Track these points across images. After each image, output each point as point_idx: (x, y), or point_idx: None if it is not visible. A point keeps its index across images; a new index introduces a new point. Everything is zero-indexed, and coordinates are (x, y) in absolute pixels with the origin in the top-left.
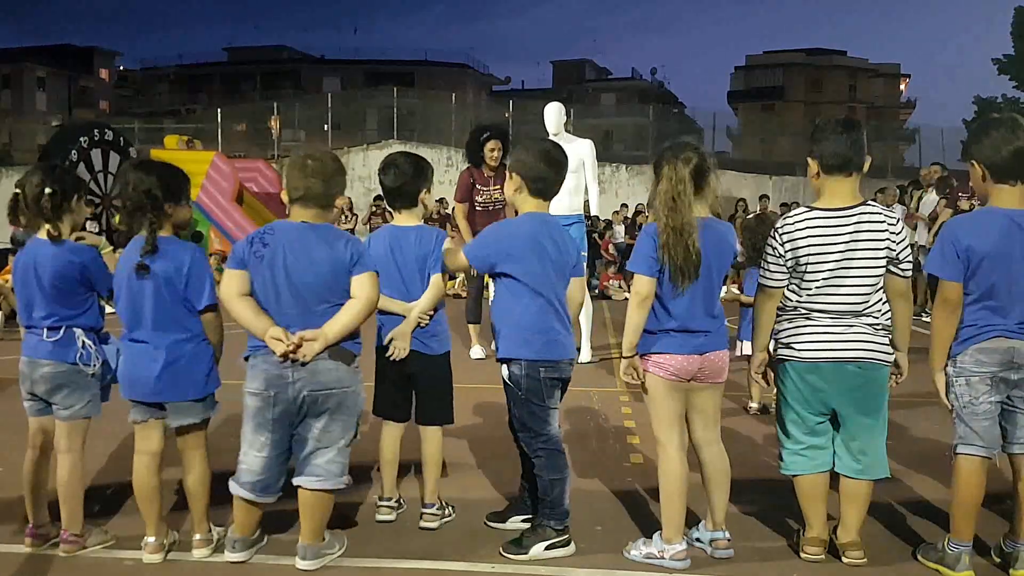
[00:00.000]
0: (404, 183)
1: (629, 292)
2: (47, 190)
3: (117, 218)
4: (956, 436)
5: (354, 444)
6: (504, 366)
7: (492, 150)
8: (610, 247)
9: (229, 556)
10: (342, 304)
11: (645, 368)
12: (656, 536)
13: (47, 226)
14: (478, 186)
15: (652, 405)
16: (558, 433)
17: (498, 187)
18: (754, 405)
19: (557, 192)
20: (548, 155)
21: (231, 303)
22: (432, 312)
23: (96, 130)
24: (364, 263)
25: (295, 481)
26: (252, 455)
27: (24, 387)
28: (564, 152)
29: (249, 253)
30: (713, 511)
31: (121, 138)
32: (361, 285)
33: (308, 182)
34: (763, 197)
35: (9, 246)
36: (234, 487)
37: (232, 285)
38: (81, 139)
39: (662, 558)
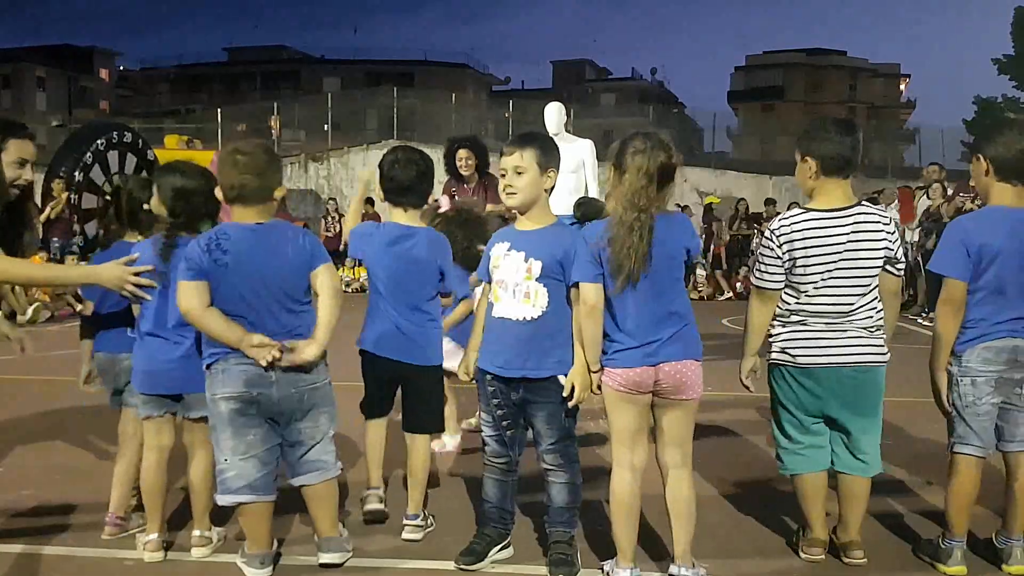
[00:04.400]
0: (420, 179)
1: None
2: (144, 207)
3: None
4: (954, 434)
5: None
6: (565, 378)
7: (461, 159)
8: None
9: (253, 573)
10: (307, 300)
11: (600, 378)
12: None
13: (139, 237)
14: (458, 198)
15: (607, 418)
16: None
17: (475, 198)
18: (472, 421)
19: None
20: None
21: (201, 316)
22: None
23: (115, 132)
24: (321, 255)
25: (296, 482)
26: (237, 461)
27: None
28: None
29: (209, 262)
30: (674, 542)
31: (140, 140)
32: (325, 278)
33: (242, 179)
34: (768, 201)
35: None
36: (228, 499)
37: (195, 297)
38: (98, 141)
39: None
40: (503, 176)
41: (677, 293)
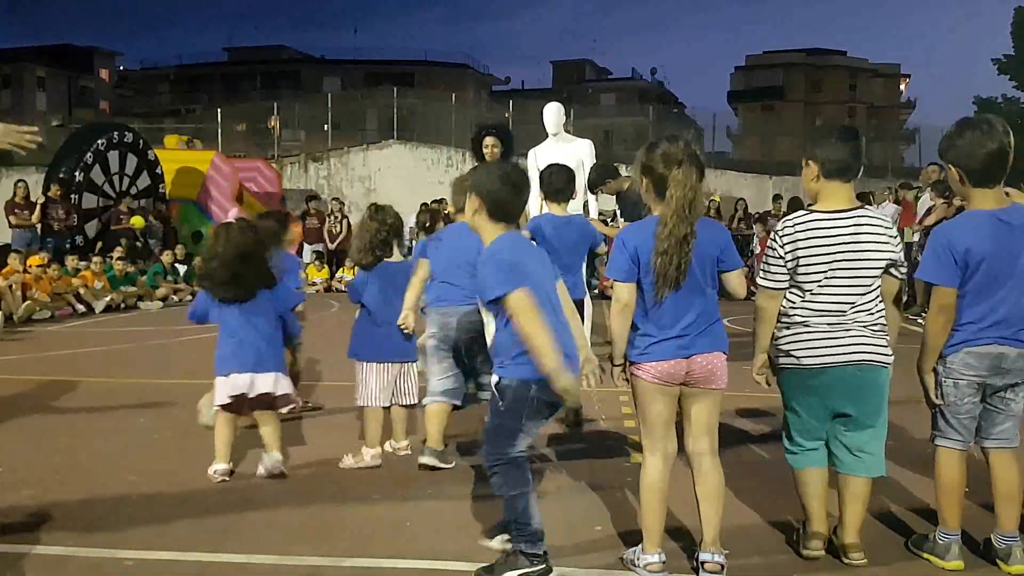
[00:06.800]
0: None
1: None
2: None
3: (133, 219)
4: (935, 428)
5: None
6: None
7: (487, 146)
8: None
9: (424, 460)
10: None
11: (632, 372)
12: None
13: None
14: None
15: (639, 409)
16: (524, 451)
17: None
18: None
19: (519, 215)
20: (508, 178)
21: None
22: None
23: (116, 132)
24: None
25: (425, 401)
26: (437, 378)
27: None
28: (525, 175)
29: (431, 249)
30: (703, 529)
31: (141, 140)
32: None
33: (459, 198)
34: (776, 198)
35: (8, 242)
36: (428, 399)
37: (424, 268)
38: (99, 141)
39: (636, 566)
40: None
41: (710, 291)
